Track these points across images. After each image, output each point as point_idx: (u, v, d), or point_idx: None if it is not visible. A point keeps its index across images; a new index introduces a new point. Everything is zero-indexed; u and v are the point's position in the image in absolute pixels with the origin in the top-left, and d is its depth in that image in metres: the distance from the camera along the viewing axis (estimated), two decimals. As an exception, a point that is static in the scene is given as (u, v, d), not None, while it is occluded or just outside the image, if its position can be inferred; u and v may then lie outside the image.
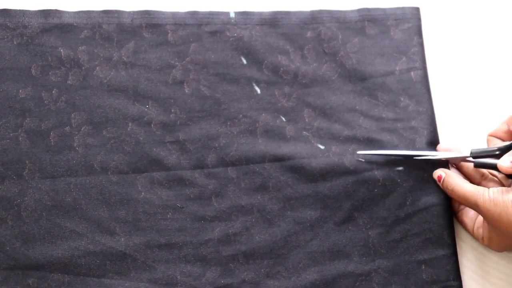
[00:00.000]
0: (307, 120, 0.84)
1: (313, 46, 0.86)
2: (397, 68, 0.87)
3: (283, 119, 0.84)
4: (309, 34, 0.86)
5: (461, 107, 0.88)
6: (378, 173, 0.82)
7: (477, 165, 0.79)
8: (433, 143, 0.84)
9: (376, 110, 0.85)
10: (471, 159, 0.79)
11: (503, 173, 0.75)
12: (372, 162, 0.83)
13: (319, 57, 0.86)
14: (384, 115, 0.85)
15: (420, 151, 0.83)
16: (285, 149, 0.82)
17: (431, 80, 0.87)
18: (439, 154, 0.82)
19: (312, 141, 0.83)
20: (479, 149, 0.78)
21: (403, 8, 0.89)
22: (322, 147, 0.83)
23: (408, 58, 0.87)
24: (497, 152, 0.76)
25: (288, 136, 0.83)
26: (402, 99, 0.86)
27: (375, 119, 0.85)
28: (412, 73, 0.87)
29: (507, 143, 0.76)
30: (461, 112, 0.88)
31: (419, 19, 0.89)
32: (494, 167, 0.76)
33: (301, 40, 0.86)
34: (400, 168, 0.83)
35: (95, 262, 0.78)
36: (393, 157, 0.83)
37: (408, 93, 0.86)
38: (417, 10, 0.89)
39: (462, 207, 0.80)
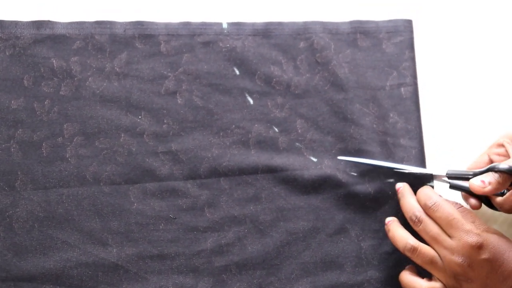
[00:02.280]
0: (299, 131, 0.84)
1: (306, 56, 0.86)
2: (388, 84, 0.87)
3: (276, 129, 0.84)
4: (301, 44, 0.87)
5: (450, 122, 0.88)
6: (369, 186, 0.83)
7: (452, 186, 0.80)
8: (420, 162, 0.84)
9: (368, 119, 0.85)
10: (446, 179, 0.80)
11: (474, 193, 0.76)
12: (363, 175, 0.83)
13: (312, 67, 0.86)
14: (375, 126, 0.85)
15: (400, 164, 0.83)
16: (278, 160, 0.83)
17: (421, 95, 0.87)
18: (418, 168, 0.82)
19: (305, 153, 0.84)
20: (456, 170, 0.79)
21: (395, 21, 0.89)
22: (314, 159, 0.83)
23: (399, 73, 0.87)
24: (470, 176, 0.77)
25: (281, 148, 0.83)
26: (391, 115, 0.86)
27: (366, 128, 0.85)
28: (402, 89, 0.87)
29: (484, 168, 0.76)
30: (450, 128, 0.88)
31: (411, 32, 0.89)
32: (467, 189, 0.78)
33: (294, 50, 0.87)
34: (391, 180, 0.83)
35: (87, 274, 0.78)
36: (373, 167, 0.83)
37: (397, 110, 0.86)
38: (409, 22, 0.89)
39: (458, 205, 0.80)
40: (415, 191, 0.79)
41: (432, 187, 0.79)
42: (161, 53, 0.85)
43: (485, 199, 0.80)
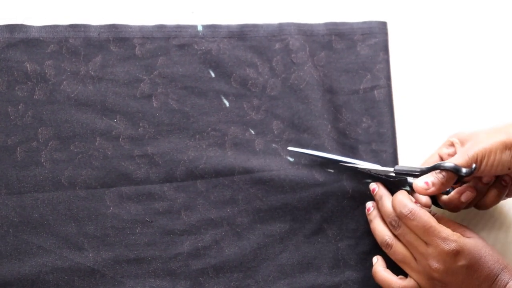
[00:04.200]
0: (276, 133, 0.84)
1: (282, 57, 0.87)
2: (361, 87, 0.87)
3: (252, 132, 0.84)
4: (277, 46, 0.87)
5: (424, 124, 0.88)
6: (347, 184, 0.83)
7: (399, 182, 0.80)
8: (392, 165, 0.84)
9: (341, 125, 0.86)
10: (393, 175, 0.80)
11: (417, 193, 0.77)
12: (341, 173, 0.83)
13: (288, 67, 0.86)
14: (347, 132, 0.86)
15: (348, 158, 0.82)
16: (254, 161, 0.83)
17: (395, 97, 0.88)
18: (364, 164, 0.82)
19: (282, 154, 0.84)
20: (403, 167, 0.79)
21: (370, 23, 0.90)
22: (291, 159, 0.83)
23: (373, 75, 0.88)
24: (417, 173, 0.77)
25: (257, 149, 0.83)
26: (364, 119, 0.86)
27: (339, 133, 0.85)
28: (375, 91, 0.87)
29: (431, 166, 0.77)
30: (424, 129, 0.88)
31: (386, 34, 0.89)
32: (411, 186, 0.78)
33: (269, 52, 0.87)
34: (369, 181, 0.83)
35: (63, 278, 0.77)
36: (326, 160, 0.83)
37: (370, 113, 0.87)
38: (384, 24, 0.90)
39: (433, 214, 0.80)
40: (395, 191, 0.79)
41: (408, 191, 0.79)
42: (136, 56, 0.84)
43: (431, 197, 0.80)
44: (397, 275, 0.78)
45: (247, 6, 0.89)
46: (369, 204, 0.81)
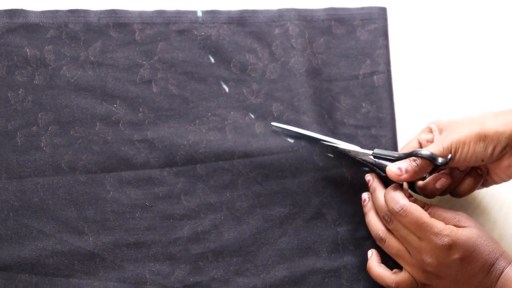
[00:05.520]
0: (275, 115, 0.84)
1: (281, 41, 0.86)
2: (361, 72, 0.87)
3: (252, 116, 0.84)
4: (276, 31, 0.87)
5: (423, 108, 0.88)
6: (346, 171, 0.83)
7: (377, 166, 0.80)
8: (392, 150, 0.84)
9: (338, 114, 0.86)
10: (371, 157, 0.80)
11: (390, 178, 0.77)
12: (340, 158, 0.83)
13: (287, 51, 0.86)
14: (345, 120, 0.86)
15: (330, 138, 0.82)
16: (254, 144, 0.83)
17: (395, 83, 0.88)
18: (345, 144, 0.81)
19: (282, 135, 0.84)
20: (382, 151, 0.79)
21: (370, 8, 0.90)
22: (291, 140, 0.83)
23: (372, 61, 0.88)
24: (394, 158, 0.77)
25: (258, 132, 0.83)
26: (363, 104, 0.86)
27: (337, 122, 0.85)
28: (375, 77, 0.87)
29: (407, 152, 0.77)
30: (423, 114, 0.88)
31: (386, 20, 0.89)
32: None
33: (269, 37, 0.87)
34: (366, 169, 0.83)
35: (63, 262, 0.77)
36: (304, 136, 0.82)
37: (370, 99, 0.87)
38: (383, 10, 0.90)
39: (426, 207, 0.80)
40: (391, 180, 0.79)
41: (401, 185, 0.78)
42: (136, 42, 0.84)
43: (409, 182, 0.80)
44: (393, 268, 0.78)
45: (247, -9, 0.89)
46: (365, 195, 0.81)
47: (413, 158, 0.76)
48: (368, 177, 0.81)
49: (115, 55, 0.84)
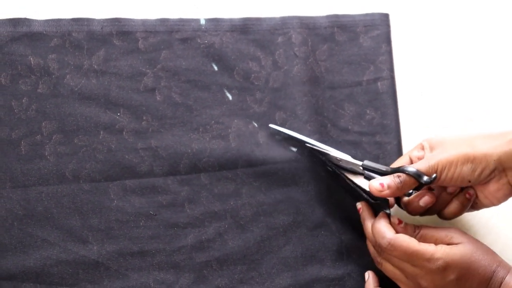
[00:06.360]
0: (279, 124, 0.84)
1: (284, 50, 0.87)
2: (365, 79, 0.87)
3: (255, 124, 0.84)
4: (279, 39, 0.87)
5: (427, 115, 0.89)
6: (349, 180, 0.83)
7: (366, 178, 0.79)
8: (396, 157, 0.84)
9: (342, 121, 0.86)
10: (360, 169, 0.79)
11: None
12: (343, 169, 0.83)
13: (290, 59, 0.86)
14: (350, 127, 0.86)
15: (323, 144, 0.81)
16: (258, 153, 0.83)
17: (399, 89, 0.88)
18: (336, 152, 0.81)
19: (285, 144, 0.84)
20: (371, 163, 0.78)
21: (372, 14, 0.90)
22: (294, 149, 0.84)
23: (376, 67, 0.88)
24: (382, 171, 0.76)
25: (261, 141, 0.84)
26: (368, 111, 0.86)
27: (340, 130, 0.85)
28: (379, 83, 0.87)
29: (395, 167, 0.76)
30: (427, 120, 0.88)
31: (388, 26, 0.90)
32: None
33: (272, 45, 0.87)
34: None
35: (68, 271, 0.77)
36: (299, 140, 0.83)
37: (374, 105, 0.87)
38: (386, 16, 0.90)
39: (417, 230, 0.78)
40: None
41: (388, 215, 0.77)
42: (139, 50, 0.84)
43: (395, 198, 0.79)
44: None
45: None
46: (359, 205, 0.81)
47: (397, 174, 0.75)
48: (359, 205, 0.80)
49: (119, 64, 0.84)
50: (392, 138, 0.86)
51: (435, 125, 0.88)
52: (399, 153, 0.85)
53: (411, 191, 0.77)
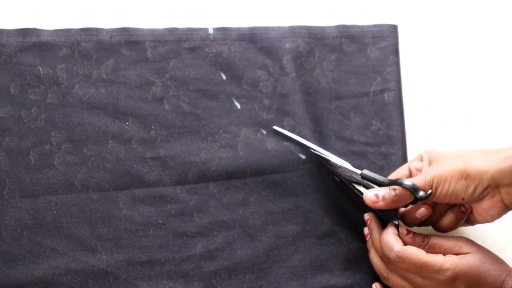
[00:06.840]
0: (287, 130, 0.84)
1: (292, 56, 0.87)
2: (371, 90, 0.87)
3: (264, 132, 0.84)
4: (287, 45, 0.87)
5: (434, 126, 0.89)
6: (358, 190, 0.83)
7: (365, 187, 0.79)
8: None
9: (348, 131, 0.86)
10: (359, 177, 0.79)
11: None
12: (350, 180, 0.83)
13: (297, 68, 0.86)
14: (355, 138, 0.86)
15: (324, 150, 0.82)
16: (266, 162, 0.83)
17: (406, 100, 0.88)
18: (337, 159, 0.81)
19: (294, 151, 0.84)
20: (370, 173, 0.78)
21: (380, 25, 0.90)
22: (303, 157, 0.84)
23: (383, 78, 0.88)
24: (380, 181, 0.76)
25: (269, 148, 0.84)
26: (374, 122, 0.86)
27: (346, 141, 0.85)
28: (385, 94, 0.87)
29: (393, 179, 0.76)
30: (433, 131, 0.88)
31: (397, 37, 0.90)
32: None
33: (280, 51, 0.87)
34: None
35: (77, 281, 0.78)
36: (301, 144, 0.83)
37: (380, 116, 0.87)
38: (394, 27, 0.90)
39: (426, 239, 0.78)
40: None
41: (397, 225, 0.77)
42: (148, 59, 0.85)
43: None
44: None
45: (258, 9, 0.89)
46: (366, 231, 0.81)
47: (393, 187, 0.75)
48: (367, 216, 0.80)
49: (127, 73, 0.84)
50: (398, 149, 0.86)
51: (435, 125, 0.88)
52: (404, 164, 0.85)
53: (404, 204, 0.77)
